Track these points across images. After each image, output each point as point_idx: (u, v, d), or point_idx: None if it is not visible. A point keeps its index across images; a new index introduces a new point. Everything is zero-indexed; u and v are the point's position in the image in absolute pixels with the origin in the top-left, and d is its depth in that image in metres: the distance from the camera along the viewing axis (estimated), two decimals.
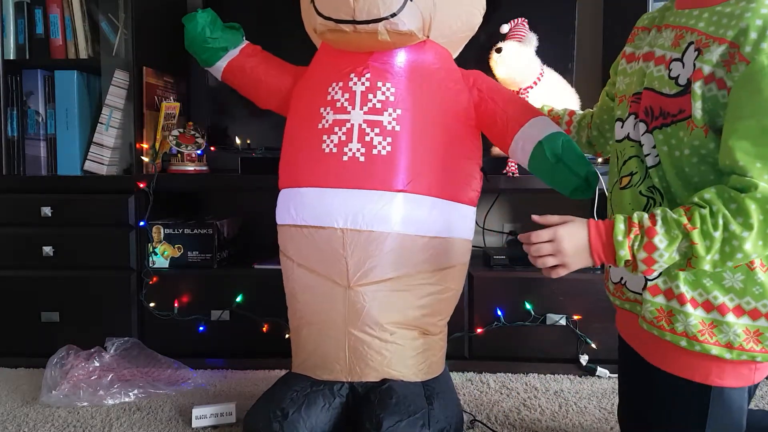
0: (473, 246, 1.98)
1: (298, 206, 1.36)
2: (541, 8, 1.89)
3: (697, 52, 0.94)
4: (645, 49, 1.06)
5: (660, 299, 1.01)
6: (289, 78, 1.50)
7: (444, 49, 1.43)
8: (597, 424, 1.46)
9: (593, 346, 1.77)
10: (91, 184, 1.87)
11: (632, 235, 0.94)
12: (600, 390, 1.66)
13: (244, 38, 1.57)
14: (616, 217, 0.96)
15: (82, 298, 1.84)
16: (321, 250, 1.33)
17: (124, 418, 1.48)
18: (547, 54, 1.86)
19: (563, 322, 1.78)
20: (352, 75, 1.35)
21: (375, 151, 1.31)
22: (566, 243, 0.99)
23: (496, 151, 1.88)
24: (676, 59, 0.97)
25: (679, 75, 0.96)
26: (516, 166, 1.81)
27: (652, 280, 1.01)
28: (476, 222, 2.17)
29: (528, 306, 1.78)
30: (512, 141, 1.36)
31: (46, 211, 1.83)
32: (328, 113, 1.35)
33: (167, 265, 1.86)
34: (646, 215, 0.95)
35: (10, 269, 1.85)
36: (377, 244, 1.30)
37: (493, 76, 1.76)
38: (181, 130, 1.89)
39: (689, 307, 0.97)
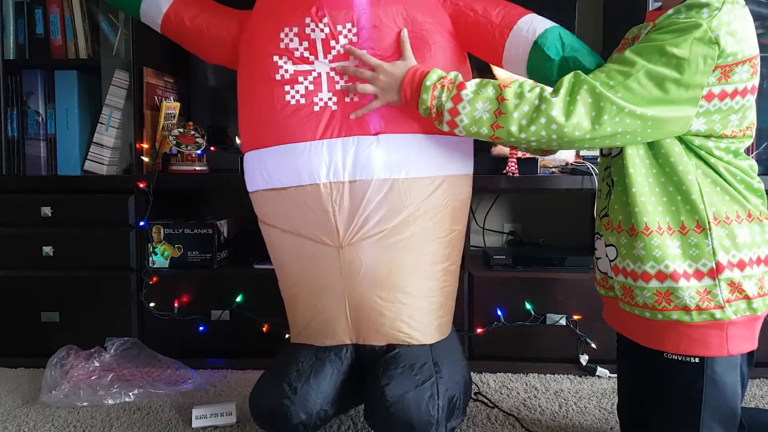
0: (473, 246, 1.99)
1: (270, 168, 1.26)
2: (541, 8, 1.88)
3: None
4: None
5: (620, 278, 1.08)
6: (234, 24, 1.36)
7: None
8: (597, 424, 1.46)
9: (593, 346, 1.77)
10: (91, 184, 1.87)
11: (439, 85, 1.10)
12: (600, 390, 1.66)
13: None
14: (433, 69, 1.12)
15: (82, 298, 1.84)
16: (305, 210, 1.23)
17: (124, 418, 1.48)
18: None
19: (563, 322, 1.78)
20: (308, 20, 1.20)
21: (347, 99, 1.21)
22: (383, 75, 1.16)
23: (496, 150, 1.89)
24: None
25: None
26: (516, 166, 1.81)
27: (612, 260, 1.10)
28: (476, 222, 2.19)
29: (528, 306, 1.78)
30: (504, 50, 1.23)
31: (46, 211, 1.83)
32: (285, 62, 1.22)
33: (167, 265, 1.86)
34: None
35: (10, 269, 1.85)
36: (363, 193, 1.20)
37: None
38: (181, 130, 1.89)
39: (641, 282, 1.04)
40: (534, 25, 1.20)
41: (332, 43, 1.20)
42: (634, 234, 1.04)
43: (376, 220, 1.21)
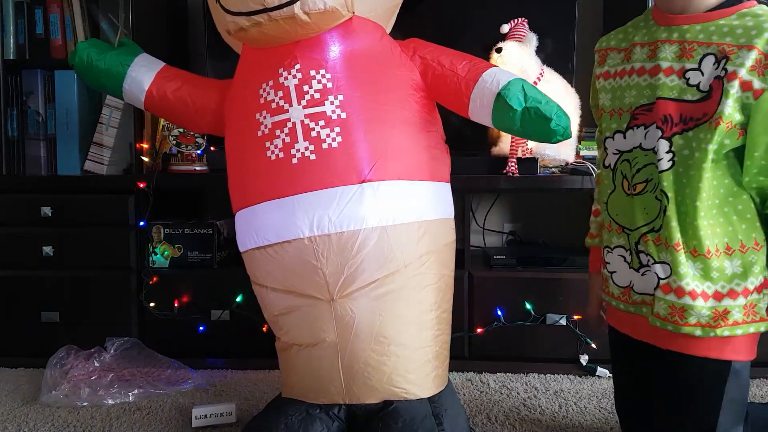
0: (473, 246, 1.99)
1: (258, 226, 1.25)
2: (541, 8, 1.89)
3: (723, 59, 0.99)
4: (636, 64, 1.10)
5: (671, 297, 1.05)
6: (215, 93, 1.40)
7: (374, 23, 1.32)
8: (597, 424, 1.46)
9: (593, 346, 1.77)
10: (91, 184, 1.87)
11: None
12: (600, 390, 1.66)
13: (144, 53, 1.48)
14: None
15: (82, 298, 1.84)
16: (292, 266, 1.22)
17: (124, 418, 1.48)
18: (547, 54, 1.86)
19: (563, 322, 1.78)
20: (281, 70, 1.23)
21: (325, 146, 1.20)
22: None
23: (495, 150, 1.89)
24: (691, 69, 1.03)
25: (699, 82, 1.02)
26: (516, 166, 1.81)
27: (663, 279, 1.06)
28: (476, 222, 2.20)
29: (528, 306, 1.78)
30: (469, 101, 1.26)
31: (46, 211, 1.83)
32: (264, 117, 1.23)
33: (167, 265, 1.86)
34: None
35: (10, 269, 1.85)
36: (352, 245, 1.18)
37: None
38: (181, 129, 1.89)
39: (701, 301, 1.03)
40: (498, 77, 1.23)
41: (305, 88, 1.22)
42: (698, 254, 1.03)
43: (366, 270, 1.20)
